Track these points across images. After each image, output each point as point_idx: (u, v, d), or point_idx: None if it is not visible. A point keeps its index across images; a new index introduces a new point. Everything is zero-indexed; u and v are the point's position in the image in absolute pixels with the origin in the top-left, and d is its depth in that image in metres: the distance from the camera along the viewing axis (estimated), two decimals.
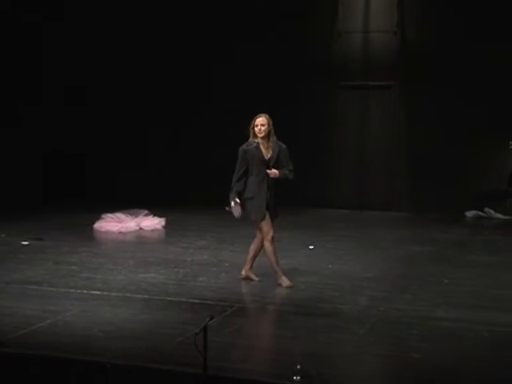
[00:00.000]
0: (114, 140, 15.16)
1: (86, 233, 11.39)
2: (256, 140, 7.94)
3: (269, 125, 7.94)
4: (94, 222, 11.77)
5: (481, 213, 13.62)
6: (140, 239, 11.25)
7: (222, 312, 7.03)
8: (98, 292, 7.82)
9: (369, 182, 14.19)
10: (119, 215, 11.86)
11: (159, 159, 14.93)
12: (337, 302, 7.50)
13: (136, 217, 11.86)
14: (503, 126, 13.53)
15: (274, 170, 7.92)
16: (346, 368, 5.72)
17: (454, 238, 11.44)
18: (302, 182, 14.09)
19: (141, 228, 11.80)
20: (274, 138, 7.98)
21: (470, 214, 13.63)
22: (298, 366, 5.33)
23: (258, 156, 7.91)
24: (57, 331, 6.46)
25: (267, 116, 7.97)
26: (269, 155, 7.94)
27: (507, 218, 13.59)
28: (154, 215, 12.10)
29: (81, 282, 8.25)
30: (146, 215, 12.02)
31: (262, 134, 7.93)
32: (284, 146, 8.05)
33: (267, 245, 8.07)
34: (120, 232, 11.53)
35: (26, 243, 10.42)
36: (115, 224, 11.66)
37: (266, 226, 8.03)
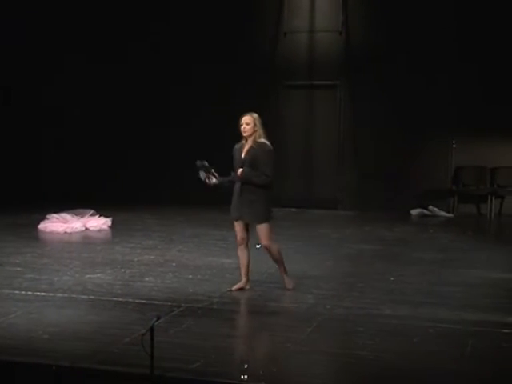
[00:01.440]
0: (60, 138, 14.96)
1: (31, 233, 11.22)
2: (243, 140, 7.74)
3: (255, 124, 7.66)
4: (38, 223, 11.61)
5: (425, 211, 13.82)
6: (86, 239, 11.13)
7: (169, 312, 6.99)
8: (43, 293, 7.70)
9: (315, 181, 14.28)
10: (65, 215, 11.72)
11: (105, 158, 14.80)
12: (284, 301, 7.53)
13: (82, 217, 11.74)
14: (446, 124, 13.75)
15: (239, 170, 7.67)
16: (293, 366, 5.74)
17: (400, 235, 11.58)
18: None
19: (87, 228, 11.68)
20: (259, 139, 7.64)
21: (414, 212, 13.81)
22: (246, 365, 5.32)
23: (237, 156, 7.73)
24: (0, 333, 6.34)
25: (254, 115, 7.71)
26: (243, 156, 7.67)
27: (451, 215, 13.81)
28: (100, 215, 11.99)
29: (25, 283, 8.12)
30: (92, 215, 11.89)
31: (246, 134, 7.67)
32: (267, 148, 7.62)
33: (238, 248, 7.96)
34: (65, 232, 11.39)
35: None
36: (60, 224, 11.51)
37: (235, 228, 7.85)
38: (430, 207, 13.87)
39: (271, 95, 14.26)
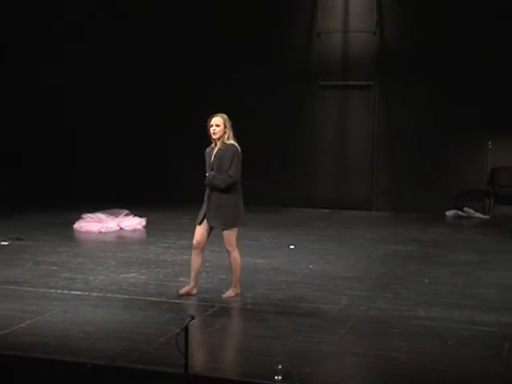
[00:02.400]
0: (93, 140, 15.09)
1: (67, 233, 11.33)
2: (213, 142, 7.47)
3: (225, 126, 7.36)
4: (74, 222, 11.72)
5: (460, 212, 13.70)
6: (120, 239, 11.21)
7: (203, 312, 7.02)
8: (78, 292, 7.78)
9: (349, 182, 14.23)
10: (99, 215, 11.81)
11: (139, 159, 14.88)
12: (318, 302, 7.50)
13: (116, 217, 11.82)
14: (482, 125, 13.62)
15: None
16: (326, 367, 5.73)
17: (435, 237, 11.50)
18: (282, 182, 14.26)
19: (121, 228, 11.76)
20: (227, 141, 7.38)
21: (449, 213, 13.70)
22: (279, 366, 5.33)
23: (208, 159, 7.49)
24: (37, 332, 6.42)
25: (224, 116, 7.40)
26: (212, 159, 7.44)
27: (486, 217, 13.68)
28: (135, 215, 12.06)
29: (61, 282, 8.21)
30: (127, 215, 11.98)
31: (216, 136, 7.37)
32: (233, 148, 7.38)
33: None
34: (100, 232, 11.49)
35: (5, 243, 10.34)
36: (95, 224, 11.61)
37: (196, 230, 7.65)
38: (466, 208, 13.74)
39: (305, 96, 14.25)
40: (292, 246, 10.43)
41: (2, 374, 5.78)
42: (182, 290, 7.64)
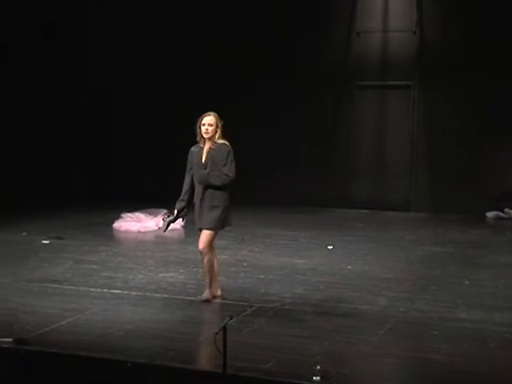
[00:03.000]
0: (130, 140, 15.16)
1: (106, 232, 11.43)
2: (201, 142, 7.32)
3: (217, 125, 7.24)
4: (113, 222, 11.82)
5: (501, 213, 13.53)
6: (159, 239, 11.26)
7: (242, 312, 7.04)
8: (118, 291, 7.85)
9: (388, 182, 14.13)
10: (138, 215, 11.90)
11: (178, 158, 14.91)
12: (356, 303, 7.48)
13: (155, 216, 11.87)
14: None
15: (200, 173, 7.28)
16: (365, 368, 5.71)
17: (475, 238, 11.37)
18: (321, 182, 14.22)
19: (160, 227, 11.81)
20: (218, 140, 7.26)
21: (490, 214, 13.54)
22: (318, 367, 5.32)
23: (197, 159, 7.30)
24: (77, 330, 6.49)
25: (216, 115, 7.28)
26: (204, 159, 7.29)
27: None
28: None
29: (101, 280, 8.29)
30: (165, 214, 12.02)
31: (209, 135, 7.23)
32: (227, 148, 7.25)
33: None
34: (139, 231, 11.56)
35: (46, 242, 10.48)
36: (134, 223, 11.69)
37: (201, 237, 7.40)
38: (506, 209, 13.57)
39: (344, 95, 14.19)
40: (330, 247, 10.40)
41: (42, 371, 5.86)
42: (204, 296, 7.44)
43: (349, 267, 9.14)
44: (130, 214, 11.88)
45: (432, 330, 6.54)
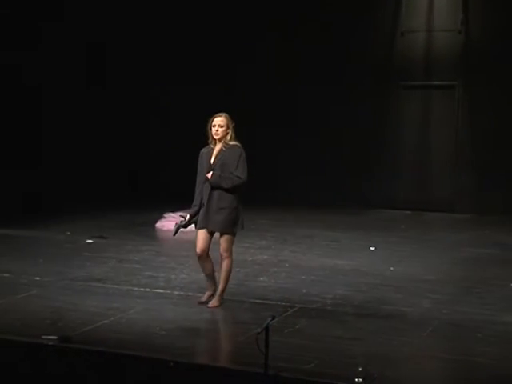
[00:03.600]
0: (174, 136, 15.21)
1: (149, 232, 11.52)
2: (211, 143, 7.16)
3: (228, 126, 7.08)
4: (156, 221, 11.90)
5: None
6: None
7: (283, 312, 7.04)
8: (160, 290, 7.91)
9: (432, 183, 14.02)
10: (181, 214, 11.94)
11: None
12: (399, 304, 7.44)
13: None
14: None
15: (208, 174, 7.11)
16: (407, 371, 5.68)
17: None
18: (363, 183, 14.16)
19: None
20: (231, 142, 7.09)
21: None
22: (360, 368, 5.30)
23: (206, 160, 7.15)
24: (120, 328, 6.56)
25: (227, 116, 7.11)
26: (212, 160, 7.12)
27: None
28: None
29: (144, 280, 8.36)
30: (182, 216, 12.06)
31: (219, 136, 7.08)
32: (239, 150, 7.08)
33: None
34: (182, 231, 11.59)
35: (90, 241, 10.60)
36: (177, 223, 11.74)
37: (198, 237, 7.25)
38: None
39: (388, 95, 14.11)
40: (372, 248, 10.36)
41: (86, 369, 5.93)
42: (203, 298, 7.34)
43: (391, 268, 9.09)
44: (172, 214, 11.94)
45: (476, 332, 6.47)
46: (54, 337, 6.11)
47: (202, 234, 7.23)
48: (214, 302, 7.21)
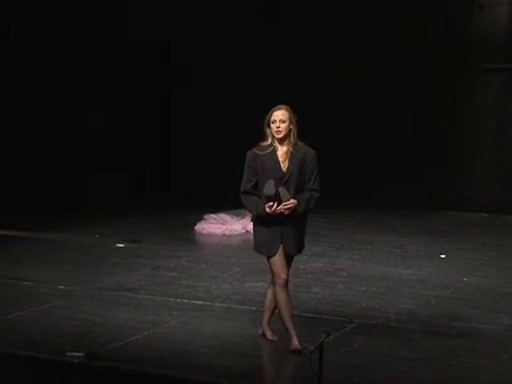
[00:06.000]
0: (213, 131, 15.28)
1: (187, 235, 11.58)
2: (273, 143, 6.47)
3: (290, 121, 6.43)
4: (195, 224, 11.96)
5: None
6: (246, 243, 11.26)
7: (340, 328, 7.04)
8: (200, 302, 7.95)
9: None
10: (223, 216, 11.98)
11: None
12: (474, 321, 7.38)
13: (242, 218, 11.94)
14: None
15: (289, 203, 6.34)
16: None
17: None
18: (433, 181, 14.05)
19: (247, 231, 11.87)
20: (298, 142, 6.48)
21: None
22: None
23: (272, 167, 6.40)
24: (155, 345, 6.61)
25: (289, 108, 6.48)
26: (285, 167, 6.43)
27: None
28: None
29: (181, 290, 8.41)
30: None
31: (281, 135, 6.40)
32: (312, 152, 6.50)
33: (278, 290, 6.56)
34: (224, 235, 11.66)
35: (121, 245, 10.69)
36: (219, 226, 11.79)
37: (275, 264, 6.54)
38: None
39: (463, 81, 13.93)
40: (443, 255, 10.28)
41: None
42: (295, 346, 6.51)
43: (465, 279, 9.02)
44: (213, 215, 11.98)
45: None
46: (80, 353, 6.17)
47: (281, 260, 6.54)
48: (297, 344, 6.48)
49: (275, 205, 6.34)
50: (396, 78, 14.01)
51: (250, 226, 11.74)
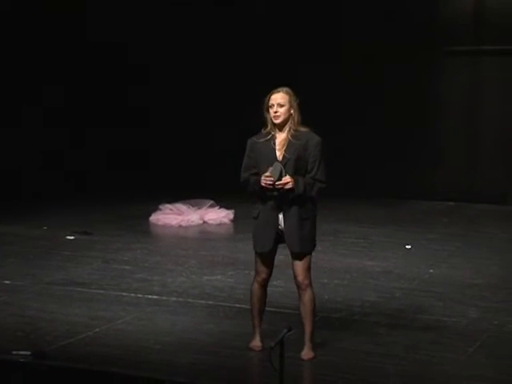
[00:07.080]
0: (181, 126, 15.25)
1: (141, 226, 11.54)
2: (271, 130, 6.22)
3: (291, 105, 6.14)
4: (150, 214, 11.91)
5: None
6: (204, 235, 11.34)
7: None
8: (155, 296, 7.93)
9: (480, 169, 13.99)
10: (180, 206, 11.96)
11: (227, 143, 14.95)
12: (440, 314, 7.45)
13: (199, 208, 11.94)
14: None
15: (286, 179, 6.10)
16: None
17: None
18: (398, 169, 14.13)
19: (205, 222, 11.88)
20: (302, 128, 6.22)
21: None
22: None
23: (267, 154, 6.16)
24: (107, 342, 6.59)
25: (289, 91, 6.18)
26: (281, 154, 6.16)
27: None
28: (221, 207, 12.15)
29: (135, 284, 8.39)
30: (211, 206, 12.08)
31: (280, 120, 6.12)
32: (317, 139, 6.21)
33: (255, 286, 6.56)
34: (180, 226, 11.64)
35: (71, 238, 10.63)
36: (175, 216, 11.77)
37: (258, 261, 6.54)
38: None
39: (427, 64, 14.01)
40: (408, 246, 10.35)
41: None
42: (256, 343, 6.48)
43: (431, 271, 9.10)
44: (169, 206, 11.96)
45: None
46: (27, 352, 6.13)
47: (267, 258, 6.48)
48: (310, 353, 6.31)
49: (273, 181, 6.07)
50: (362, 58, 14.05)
51: (208, 217, 11.91)
